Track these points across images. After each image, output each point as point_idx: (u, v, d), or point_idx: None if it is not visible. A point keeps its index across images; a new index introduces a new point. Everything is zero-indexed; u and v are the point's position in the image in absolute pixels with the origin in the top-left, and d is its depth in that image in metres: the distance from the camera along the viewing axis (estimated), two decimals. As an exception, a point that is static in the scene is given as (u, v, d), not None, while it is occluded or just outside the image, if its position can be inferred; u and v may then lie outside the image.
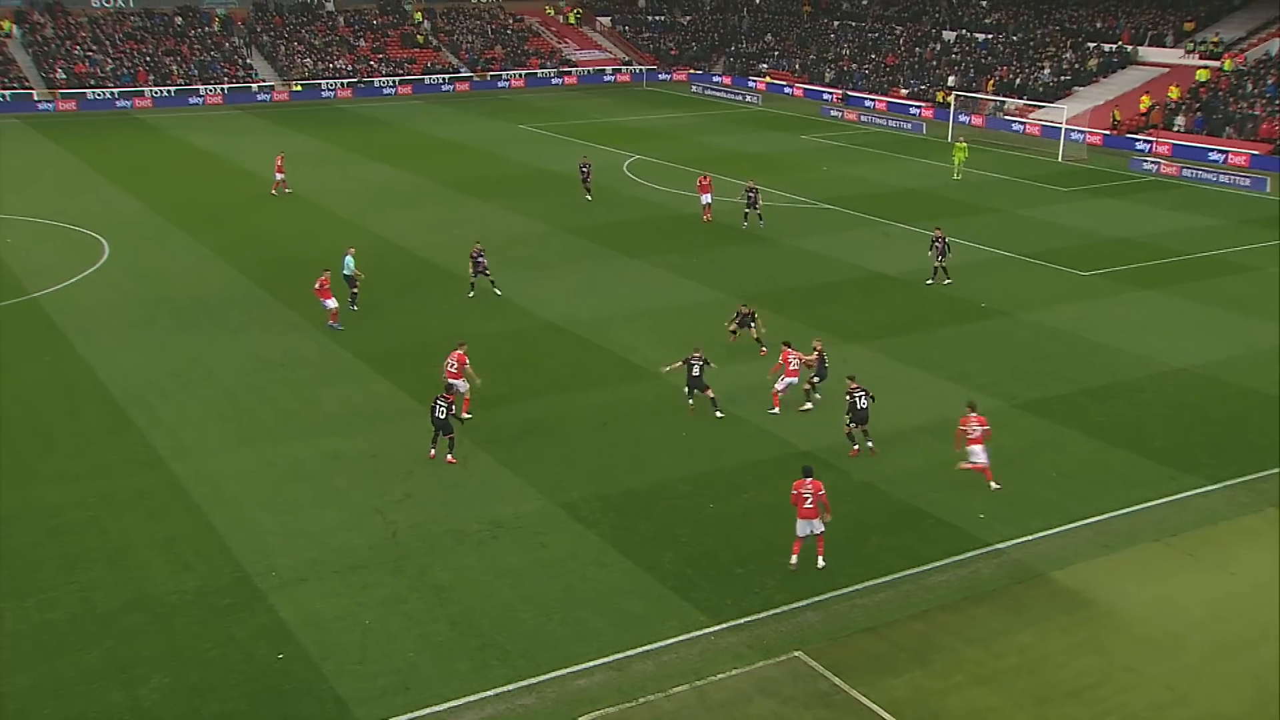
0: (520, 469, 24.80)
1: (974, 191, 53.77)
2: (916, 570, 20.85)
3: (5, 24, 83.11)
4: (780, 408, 27.65)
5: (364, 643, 18.62)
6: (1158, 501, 23.53)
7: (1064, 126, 64.06)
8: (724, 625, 19.13)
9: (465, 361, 27.17)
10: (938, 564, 21.10)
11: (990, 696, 17.41)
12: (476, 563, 21.05)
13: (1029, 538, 22.01)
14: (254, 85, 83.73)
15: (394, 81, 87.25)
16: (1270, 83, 64.76)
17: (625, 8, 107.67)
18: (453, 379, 26.71)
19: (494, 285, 36.69)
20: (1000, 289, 38.07)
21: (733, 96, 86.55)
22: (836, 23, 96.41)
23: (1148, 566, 21.17)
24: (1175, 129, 65.11)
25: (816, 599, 19.87)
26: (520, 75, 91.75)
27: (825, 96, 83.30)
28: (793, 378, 27.56)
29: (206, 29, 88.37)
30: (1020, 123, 70.59)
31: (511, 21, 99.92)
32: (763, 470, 24.78)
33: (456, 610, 19.53)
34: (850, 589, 20.20)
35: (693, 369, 27.25)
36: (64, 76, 79.34)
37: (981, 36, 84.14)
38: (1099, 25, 79.34)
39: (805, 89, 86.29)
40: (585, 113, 78.19)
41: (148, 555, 21.20)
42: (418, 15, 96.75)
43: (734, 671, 17.92)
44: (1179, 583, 20.66)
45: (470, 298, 36.38)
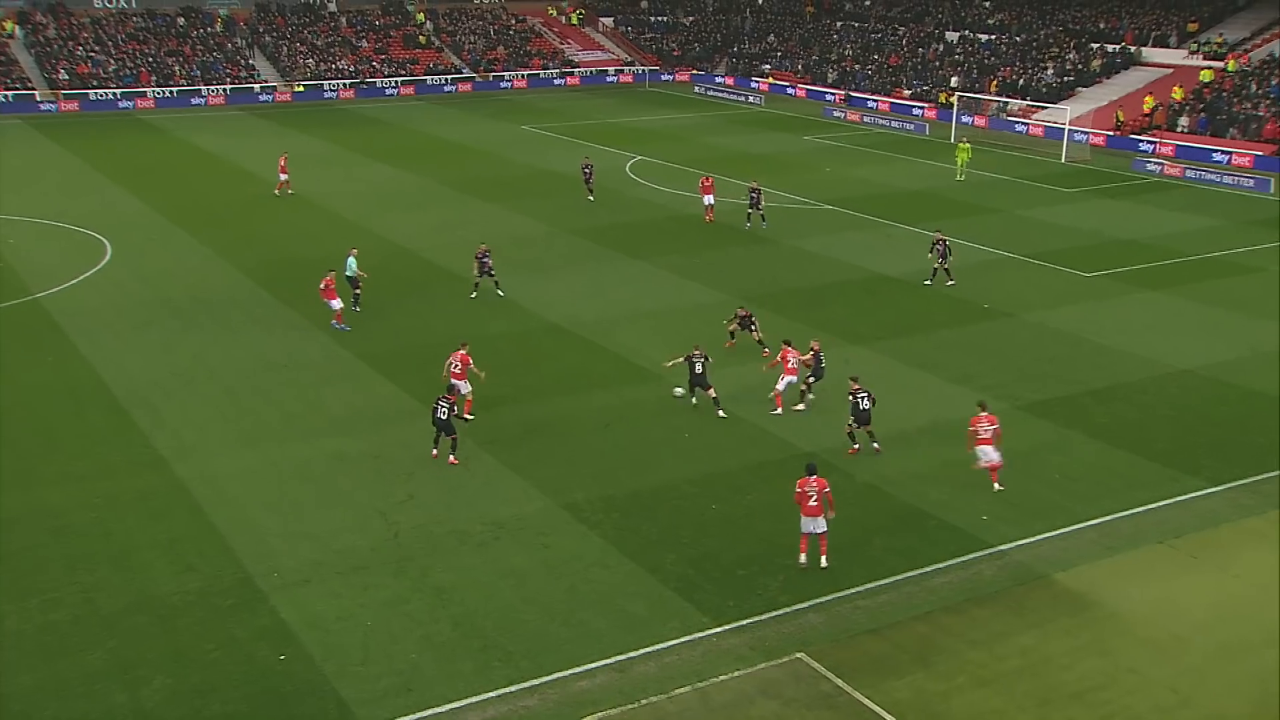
0: (523, 470, 24.81)
1: (977, 192, 53.74)
2: (919, 572, 20.85)
3: (8, 24, 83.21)
4: (782, 407, 27.69)
5: (366, 644, 18.63)
6: (1160, 503, 23.51)
7: (1067, 127, 63.96)
8: (726, 627, 19.13)
9: (469, 361, 27.20)
10: (940, 565, 21.10)
11: (993, 698, 17.40)
12: (479, 564, 21.06)
13: (1032, 539, 22.00)
14: (256, 86, 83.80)
15: (396, 82, 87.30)
16: (1274, 83, 64.67)
17: (628, 8, 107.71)
18: (456, 379, 26.73)
19: (497, 286, 36.71)
20: (1003, 290, 38.06)
21: (735, 97, 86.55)
22: (839, 23, 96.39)
23: (1150, 568, 21.16)
24: (1179, 130, 65.07)
25: (819, 600, 19.87)
26: (523, 76, 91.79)
27: (828, 97, 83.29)
28: (791, 375, 27.61)
29: (209, 29, 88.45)
30: (1023, 123, 70.54)
31: (514, 22, 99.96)
32: (765, 471, 24.78)
33: (459, 611, 19.54)
34: (853, 590, 20.20)
35: (695, 366, 27.28)
36: (66, 77, 79.41)
37: (984, 37, 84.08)
38: (1102, 26, 79.28)
39: (808, 90, 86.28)
40: (588, 113, 78.21)
41: (150, 556, 21.23)
42: (420, 16, 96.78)
43: (736, 673, 17.92)
44: (1182, 585, 20.65)
45: (473, 298, 36.42)
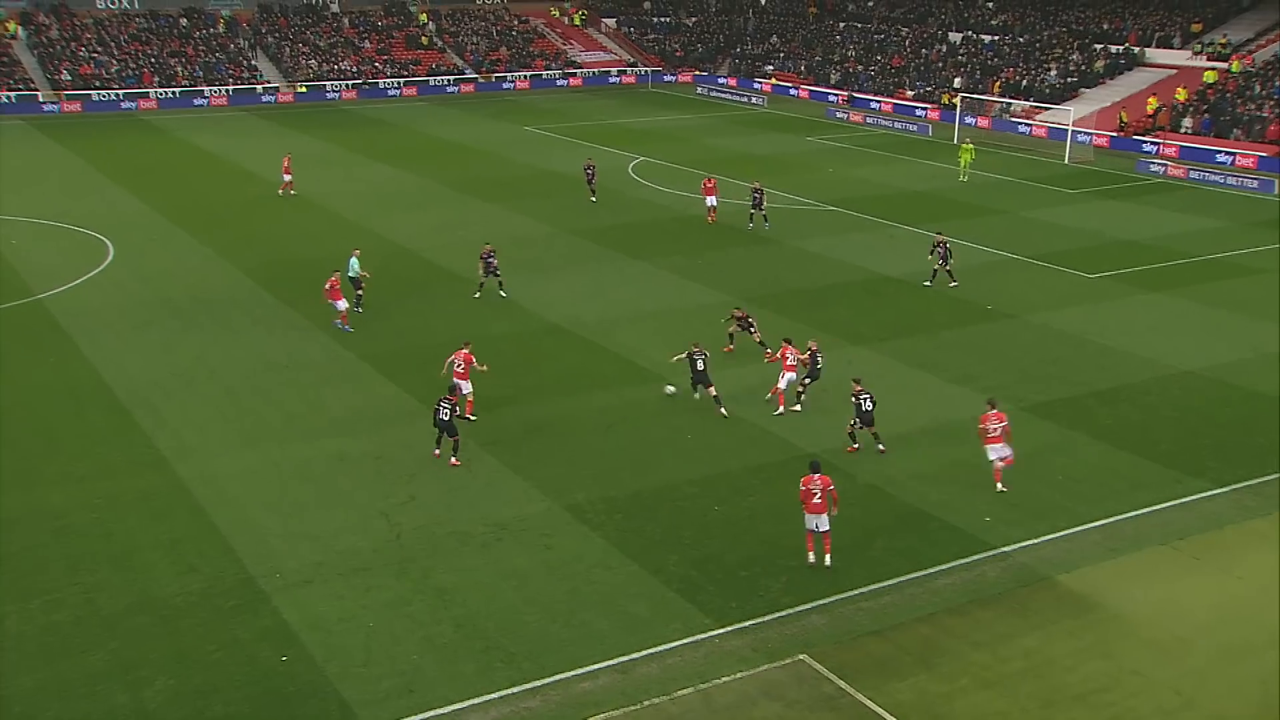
0: (525, 471, 24.78)
1: (980, 193, 53.68)
2: (922, 573, 20.80)
3: (11, 25, 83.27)
4: (784, 406, 27.66)
5: (368, 645, 18.60)
6: (1164, 505, 23.45)
7: (1070, 128, 63.89)
8: (729, 628, 19.09)
9: (472, 360, 27.18)
10: (943, 567, 21.05)
11: (996, 700, 17.36)
12: (481, 565, 21.03)
13: (1035, 541, 21.95)
14: (259, 87, 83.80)
15: (399, 83, 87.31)
16: (1278, 84, 64.57)
17: (630, 9, 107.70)
18: (459, 379, 26.70)
19: (501, 287, 36.68)
20: (1006, 291, 38.00)
21: (738, 98, 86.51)
22: (842, 24, 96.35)
23: (1154, 570, 21.11)
24: (1182, 131, 64.99)
25: (821, 602, 19.83)
26: (525, 77, 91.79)
27: (830, 98, 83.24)
28: (790, 373, 27.64)
29: (211, 30, 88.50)
30: (1026, 124, 70.46)
31: (516, 23, 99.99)
32: (768, 473, 24.74)
33: (461, 613, 19.51)
34: (855, 592, 20.16)
35: (696, 363, 27.30)
36: (69, 78, 79.46)
37: (987, 38, 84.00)
38: (1106, 27, 79.17)
39: (810, 90, 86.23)
40: (590, 114, 78.20)
41: (152, 557, 21.20)
42: (423, 16, 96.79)
43: (739, 674, 17.89)
44: (1185, 586, 20.60)
45: (475, 298, 36.39)
